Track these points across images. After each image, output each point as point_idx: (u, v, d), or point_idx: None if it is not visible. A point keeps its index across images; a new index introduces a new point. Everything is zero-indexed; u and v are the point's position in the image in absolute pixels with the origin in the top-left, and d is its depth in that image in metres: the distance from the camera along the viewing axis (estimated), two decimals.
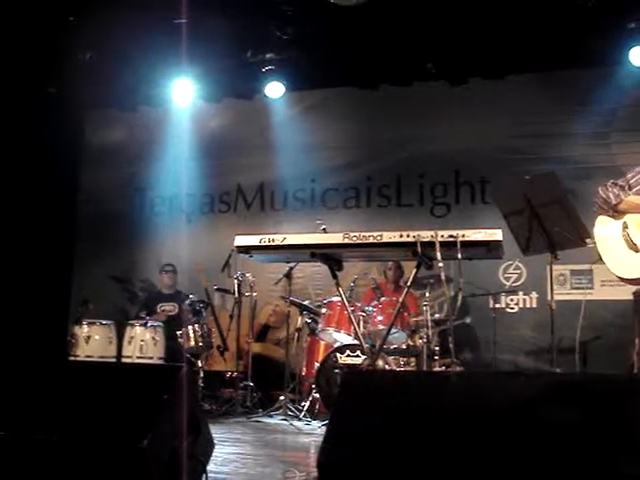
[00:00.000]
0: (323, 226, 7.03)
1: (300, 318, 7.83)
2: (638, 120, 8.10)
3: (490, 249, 4.58)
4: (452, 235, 4.47)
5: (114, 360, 7.49)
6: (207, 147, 9.43)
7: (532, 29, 7.71)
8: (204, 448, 3.48)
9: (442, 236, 4.48)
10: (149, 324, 7.72)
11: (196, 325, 7.66)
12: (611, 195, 4.75)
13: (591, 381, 3.25)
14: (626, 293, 7.13)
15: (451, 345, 5.78)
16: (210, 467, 3.57)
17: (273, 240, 4.73)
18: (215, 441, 3.69)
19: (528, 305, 8.69)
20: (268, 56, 8.37)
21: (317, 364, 7.32)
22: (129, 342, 7.61)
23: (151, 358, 7.57)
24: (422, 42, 8.07)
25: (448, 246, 4.46)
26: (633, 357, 7.07)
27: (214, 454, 3.69)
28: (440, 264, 4.47)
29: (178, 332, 7.65)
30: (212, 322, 8.05)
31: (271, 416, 7.17)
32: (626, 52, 7.89)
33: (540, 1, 7.37)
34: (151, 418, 3.15)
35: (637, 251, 4.62)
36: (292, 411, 7.16)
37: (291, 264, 7.50)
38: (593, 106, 8.28)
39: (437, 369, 7.26)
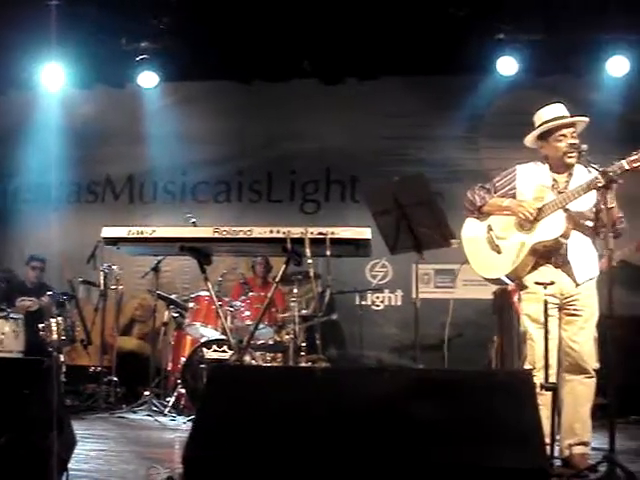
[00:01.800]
0: (193, 220, 6.98)
1: (167, 312, 7.75)
2: (504, 126, 8.40)
3: (359, 247, 4.65)
4: (322, 232, 4.50)
5: None
6: (76, 135, 9.13)
7: (407, 34, 7.90)
8: (66, 445, 3.40)
9: (312, 233, 4.51)
10: (10, 316, 7.46)
11: (59, 318, 7.42)
12: (477, 197, 4.90)
13: (452, 377, 3.36)
14: (487, 293, 7.44)
15: (318, 341, 5.87)
16: (71, 465, 3.49)
17: (142, 232, 4.64)
18: (77, 438, 3.61)
19: (393, 303, 8.89)
20: (143, 45, 8.21)
21: (183, 359, 7.26)
22: None
23: (11, 352, 7.33)
24: (298, 39, 8.11)
25: (318, 243, 4.49)
26: (492, 354, 7.36)
27: (76, 451, 3.61)
28: (309, 261, 4.51)
29: (40, 325, 7.41)
30: (76, 315, 7.83)
31: (135, 412, 7.06)
32: (494, 61, 8.19)
33: (415, 8, 7.54)
34: (11, 414, 3.06)
35: (499, 252, 4.79)
36: (157, 407, 7.08)
37: (159, 257, 7.39)
38: (462, 111, 8.54)
39: (303, 365, 7.32)
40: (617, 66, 8.13)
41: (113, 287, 7.78)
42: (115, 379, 7.45)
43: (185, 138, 9.12)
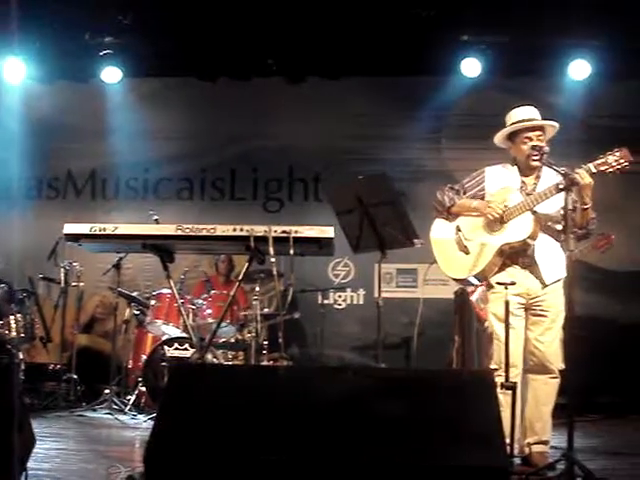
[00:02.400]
0: (155, 217, 6.94)
1: (128, 310, 7.69)
2: (467, 127, 8.49)
3: (322, 246, 4.66)
4: (285, 231, 4.51)
5: None
6: (37, 129, 8.98)
7: (372, 34, 7.93)
8: (24, 444, 3.36)
9: (275, 231, 4.51)
10: None
11: (18, 315, 7.33)
12: (446, 198, 4.94)
13: (415, 376, 3.38)
14: (448, 292, 7.48)
15: (280, 340, 5.84)
16: (30, 464, 3.45)
17: (104, 229, 4.61)
18: (36, 436, 3.57)
19: (355, 302, 8.91)
20: (107, 40, 8.14)
21: (144, 357, 7.23)
22: None
23: None
24: (263, 37, 8.09)
25: (281, 241, 4.50)
26: (452, 353, 7.41)
27: (35, 450, 3.57)
28: (272, 259, 4.51)
29: None
30: (36, 312, 7.73)
31: (95, 410, 7.00)
32: (458, 62, 8.25)
33: (380, 8, 7.57)
34: None
35: (467, 253, 4.83)
36: (117, 405, 7.02)
37: (121, 254, 7.33)
38: (426, 112, 8.59)
39: (265, 363, 7.31)
40: (579, 70, 8.26)
41: (74, 284, 7.71)
42: (75, 377, 7.38)
43: (148, 134, 9.04)
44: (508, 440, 4.26)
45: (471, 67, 8.28)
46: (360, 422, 3.05)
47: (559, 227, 4.71)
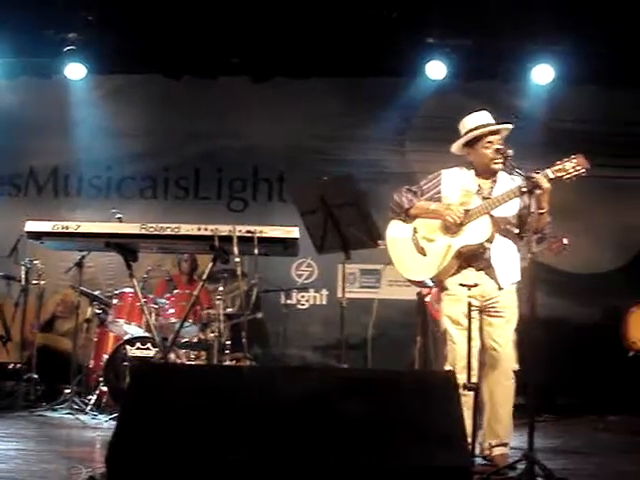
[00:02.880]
0: (118, 215, 6.89)
1: (90, 308, 7.61)
2: (431, 130, 8.54)
3: (286, 246, 4.67)
4: (250, 231, 4.52)
5: None
6: None
7: (338, 35, 7.95)
8: None
9: (240, 231, 4.51)
10: None
11: None
12: (404, 200, 4.95)
13: (378, 377, 3.40)
14: (411, 293, 7.52)
15: (244, 340, 5.82)
16: None
17: (67, 227, 4.57)
18: None
19: (318, 302, 8.92)
20: (71, 35, 8.06)
21: (106, 356, 7.17)
22: None
23: None
24: (229, 36, 8.08)
25: (245, 241, 4.50)
26: (415, 354, 7.45)
27: None
28: (237, 259, 4.50)
29: None
30: None
31: (56, 410, 6.92)
32: (423, 65, 8.31)
33: (346, 9, 7.59)
34: None
35: (424, 255, 4.85)
36: (78, 405, 6.95)
37: (83, 252, 7.27)
38: (390, 114, 8.64)
39: (228, 363, 7.30)
40: (542, 74, 8.35)
41: (35, 282, 7.62)
42: (35, 376, 7.30)
43: (112, 132, 8.97)
44: (470, 440, 4.31)
45: (436, 70, 8.34)
46: (323, 422, 3.06)
47: (516, 230, 4.78)
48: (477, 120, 4.85)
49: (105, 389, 7.00)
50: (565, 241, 6.23)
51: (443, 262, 4.76)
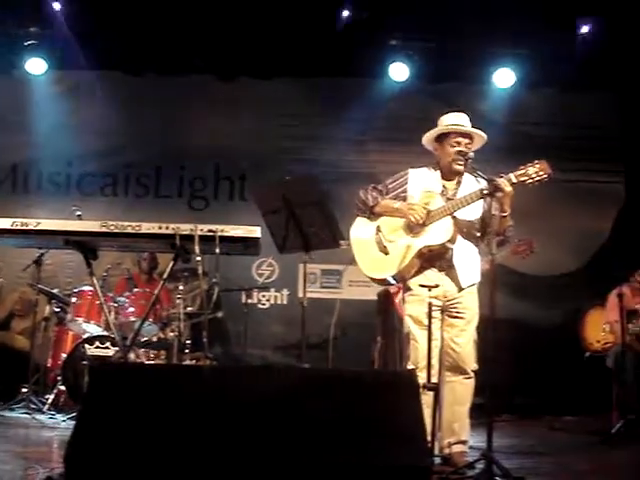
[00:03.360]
0: (78, 212, 6.83)
1: (48, 307, 7.53)
2: (393, 130, 8.58)
3: (248, 246, 4.67)
4: (211, 230, 4.50)
5: None
6: None
7: (303, 36, 7.97)
8: None
9: (202, 230, 4.50)
10: None
11: None
12: (370, 198, 4.98)
13: (340, 376, 3.41)
14: (371, 294, 7.55)
15: (204, 339, 5.80)
16: None
17: (26, 224, 4.52)
18: None
19: (279, 302, 8.92)
20: (32, 30, 7.96)
21: (64, 355, 7.10)
22: None
23: None
24: (193, 34, 8.04)
25: (207, 240, 4.49)
26: (374, 354, 7.48)
27: None
28: (198, 258, 4.49)
29: None
30: None
31: (13, 409, 6.82)
32: (387, 66, 8.35)
33: (311, 10, 7.60)
34: None
35: (387, 254, 4.88)
36: (35, 404, 6.86)
37: (42, 250, 7.19)
38: (354, 114, 8.63)
39: (188, 362, 7.26)
40: (503, 77, 8.45)
41: None
42: None
43: (72, 128, 8.84)
44: (430, 439, 4.34)
45: (399, 71, 8.40)
46: (284, 421, 3.06)
47: (478, 233, 4.84)
48: (453, 118, 4.90)
49: (63, 388, 6.92)
50: (534, 244, 6.28)
51: (404, 261, 4.79)
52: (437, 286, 4.69)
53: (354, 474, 2.91)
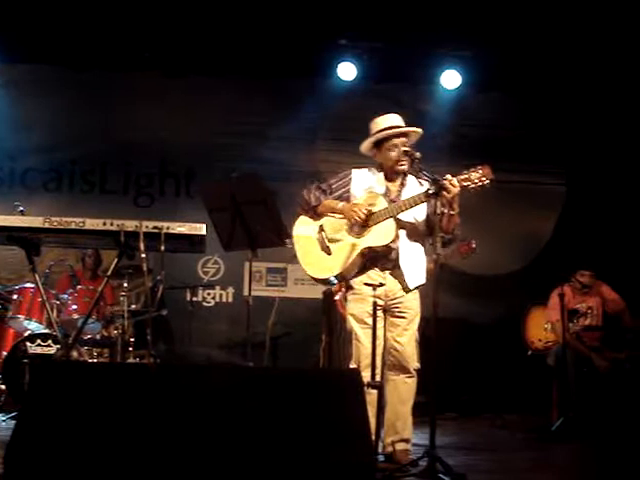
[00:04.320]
0: (21, 208, 6.71)
1: None
2: (341, 130, 8.59)
3: (193, 243, 4.66)
4: (157, 227, 4.49)
5: None
6: None
7: (252, 35, 7.95)
8: None
9: (147, 227, 4.47)
10: None
11: None
12: (312, 197, 4.97)
13: (283, 375, 3.41)
14: (317, 292, 7.58)
15: (148, 337, 5.76)
16: None
17: None
18: None
19: (224, 300, 8.89)
20: None
21: (5, 353, 6.97)
22: None
23: None
24: (142, 30, 7.97)
25: (152, 237, 4.46)
26: (320, 353, 7.51)
27: None
28: (142, 255, 4.46)
29: None
30: None
31: None
32: (335, 66, 8.38)
33: (262, 9, 7.59)
34: None
35: (329, 254, 4.88)
36: None
37: None
38: (301, 113, 8.64)
39: (131, 361, 7.21)
40: (450, 79, 8.53)
41: None
42: None
43: (14, 122, 8.70)
44: (373, 438, 4.37)
45: (347, 71, 8.44)
46: (226, 421, 3.05)
47: (424, 234, 4.87)
48: (386, 122, 4.90)
49: (4, 387, 6.82)
50: (473, 245, 6.35)
51: (347, 261, 4.79)
52: (382, 285, 4.70)
53: (298, 471, 2.92)
